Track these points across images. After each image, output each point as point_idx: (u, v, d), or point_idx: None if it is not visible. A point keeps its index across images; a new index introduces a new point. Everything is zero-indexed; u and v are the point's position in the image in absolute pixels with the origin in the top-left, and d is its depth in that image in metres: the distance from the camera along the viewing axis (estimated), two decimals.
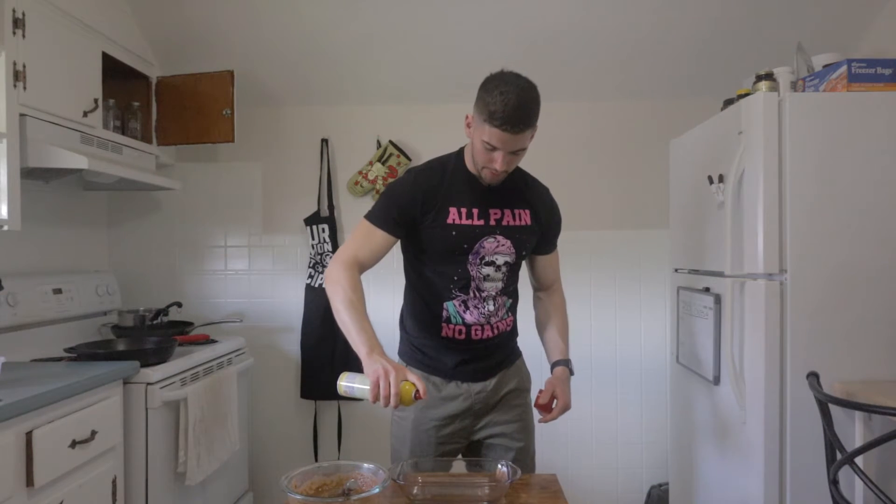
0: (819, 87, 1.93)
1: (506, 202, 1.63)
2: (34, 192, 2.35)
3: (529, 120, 1.46)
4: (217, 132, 2.61)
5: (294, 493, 1.23)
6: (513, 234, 1.62)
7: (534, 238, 1.68)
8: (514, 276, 1.69)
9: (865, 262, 1.82)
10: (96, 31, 2.23)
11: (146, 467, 1.93)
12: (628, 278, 2.87)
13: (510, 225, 1.62)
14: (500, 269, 1.63)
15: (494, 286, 1.64)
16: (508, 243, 1.61)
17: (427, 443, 1.67)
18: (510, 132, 1.44)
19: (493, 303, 1.65)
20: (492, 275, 1.62)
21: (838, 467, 1.51)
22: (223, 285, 2.94)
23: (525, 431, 1.76)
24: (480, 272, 1.61)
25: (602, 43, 2.59)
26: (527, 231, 1.65)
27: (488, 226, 1.59)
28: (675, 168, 2.53)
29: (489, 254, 1.60)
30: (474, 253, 1.60)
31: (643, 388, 2.87)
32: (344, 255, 1.55)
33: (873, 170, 1.82)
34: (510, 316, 1.73)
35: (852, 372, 1.82)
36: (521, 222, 1.64)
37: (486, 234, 1.59)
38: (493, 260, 1.61)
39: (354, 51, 2.64)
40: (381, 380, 1.31)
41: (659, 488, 2.78)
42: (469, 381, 1.68)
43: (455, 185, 1.60)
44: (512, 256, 1.63)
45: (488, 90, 1.46)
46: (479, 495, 1.36)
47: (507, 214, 1.62)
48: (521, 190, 1.67)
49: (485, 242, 1.59)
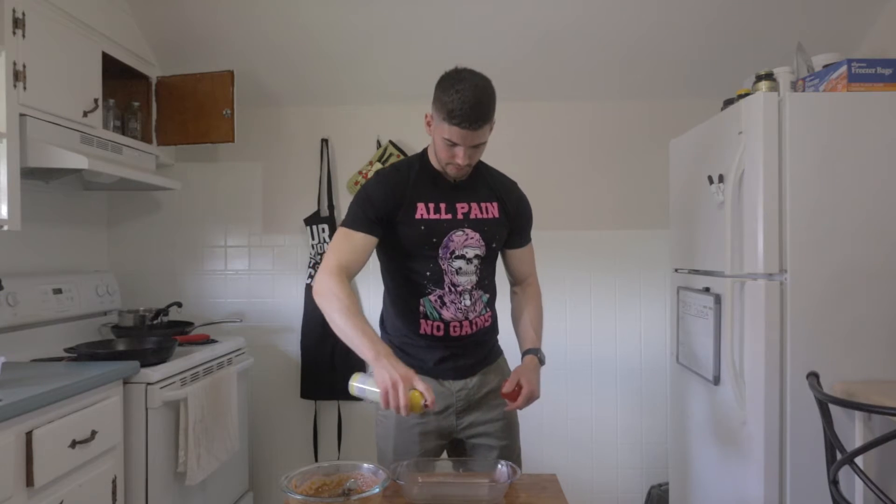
0: (819, 87, 1.93)
1: (472, 196, 1.66)
2: (34, 192, 2.35)
3: (486, 116, 1.51)
4: (217, 132, 2.62)
5: (294, 493, 1.23)
6: (481, 227, 1.64)
7: (503, 230, 1.70)
8: (488, 270, 1.71)
9: (865, 262, 1.82)
10: (96, 31, 2.23)
11: (146, 467, 1.93)
12: (628, 278, 2.87)
13: (478, 218, 1.65)
14: (471, 263, 1.64)
15: (469, 280, 1.65)
16: (477, 236, 1.64)
17: (411, 441, 1.68)
18: (469, 129, 1.49)
19: (469, 297, 1.66)
20: (464, 268, 1.64)
21: (838, 467, 1.51)
22: (223, 285, 2.94)
23: (508, 430, 1.76)
24: (452, 266, 1.63)
25: (602, 43, 2.59)
26: (495, 223, 1.67)
27: (456, 219, 1.63)
28: (675, 168, 2.53)
29: (459, 247, 1.63)
30: (444, 247, 1.62)
31: (643, 388, 2.87)
32: (328, 264, 1.55)
33: (873, 170, 1.82)
34: (489, 311, 1.72)
35: (852, 372, 1.82)
36: (489, 215, 1.66)
37: (454, 227, 1.62)
38: (463, 253, 1.64)
39: (354, 51, 2.64)
40: (389, 391, 1.34)
41: (659, 488, 2.78)
42: (450, 379, 1.69)
43: (421, 182, 1.64)
44: (482, 249, 1.64)
45: (444, 89, 1.51)
46: (479, 495, 1.36)
47: (474, 208, 1.65)
48: (487, 184, 1.70)
49: (453, 236, 1.62)
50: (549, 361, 2.86)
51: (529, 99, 2.86)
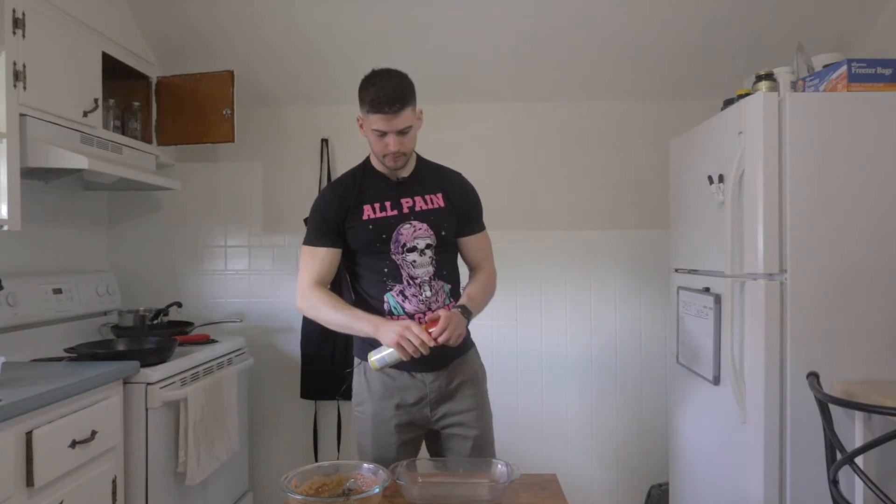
0: (819, 87, 1.93)
1: (416, 191, 1.75)
2: (34, 192, 2.35)
3: (403, 99, 1.62)
4: (217, 132, 2.62)
5: (294, 493, 1.23)
6: (427, 217, 1.73)
7: (450, 218, 1.77)
8: (446, 261, 1.78)
9: (865, 262, 1.82)
10: (96, 31, 2.23)
11: (146, 467, 1.93)
12: (628, 278, 2.87)
13: (423, 209, 1.74)
14: (424, 254, 1.73)
15: (426, 271, 1.73)
16: (425, 226, 1.73)
17: (388, 433, 1.75)
18: (389, 112, 1.61)
19: (429, 288, 1.74)
20: (418, 260, 1.72)
21: (838, 467, 1.52)
22: (223, 285, 2.94)
23: (481, 420, 1.81)
24: (406, 259, 1.72)
25: (602, 43, 2.59)
26: (440, 213, 1.75)
27: (402, 214, 1.72)
28: (675, 168, 2.53)
29: (409, 240, 1.72)
30: (395, 242, 1.71)
31: (643, 388, 2.87)
32: (302, 284, 1.73)
33: (873, 170, 1.82)
34: (452, 301, 1.78)
35: (852, 372, 1.82)
36: (434, 205, 1.75)
37: (401, 221, 1.72)
38: (414, 245, 1.72)
39: (354, 51, 2.64)
40: (402, 339, 1.53)
41: (659, 488, 2.78)
42: (422, 372, 1.74)
43: (366, 187, 1.76)
44: (432, 238, 1.73)
45: (364, 87, 1.67)
46: (479, 495, 1.36)
47: (418, 201, 1.74)
48: (429, 177, 1.79)
49: (401, 230, 1.72)
50: (549, 361, 2.88)
51: (529, 99, 2.86)
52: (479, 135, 2.90)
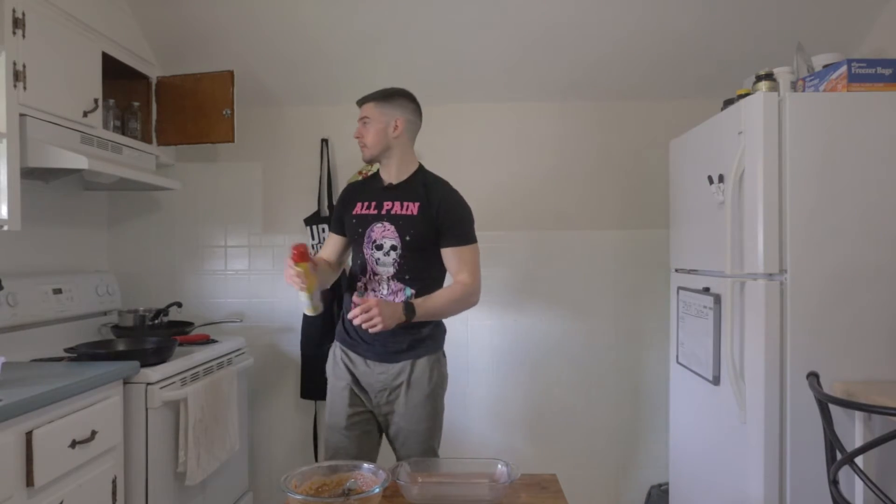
0: (819, 87, 1.93)
1: (399, 197, 1.93)
2: (34, 192, 2.35)
3: (372, 98, 1.95)
4: (217, 132, 2.61)
5: (294, 493, 1.24)
6: (396, 221, 1.90)
7: (420, 227, 1.89)
8: (410, 266, 1.90)
9: (865, 262, 1.82)
10: (96, 31, 2.23)
11: (146, 467, 1.93)
12: (628, 278, 2.87)
13: (396, 214, 1.91)
14: (388, 254, 1.90)
15: (386, 270, 1.91)
16: (392, 228, 1.90)
17: (341, 405, 1.97)
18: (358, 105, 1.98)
19: (386, 287, 1.91)
20: (382, 259, 1.91)
21: (838, 467, 1.52)
22: (223, 285, 2.94)
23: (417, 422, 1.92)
24: (373, 256, 1.92)
25: (602, 43, 2.59)
26: (410, 219, 1.90)
27: (379, 214, 1.93)
28: (675, 168, 2.53)
29: (378, 238, 1.91)
30: (367, 237, 1.93)
31: (643, 388, 2.87)
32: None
33: (873, 170, 1.82)
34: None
35: (852, 372, 1.82)
36: (407, 212, 1.91)
37: (376, 220, 1.92)
38: (381, 244, 1.91)
39: (354, 51, 2.64)
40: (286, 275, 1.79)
41: (659, 488, 2.78)
42: (373, 361, 1.93)
43: (366, 189, 2.01)
44: (396, 240, 1.89)
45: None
46: (479, 495, 1.36)
47: (396, 206, 1.92)
48: (417, 187, 1.95)
49: (374, 227, 1.92)
50: (549, 361, 2.88)
51: (529, 99, 2.86)
52: (478, 135, 2.90)
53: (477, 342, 2.89)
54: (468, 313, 2.86)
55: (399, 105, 1.93)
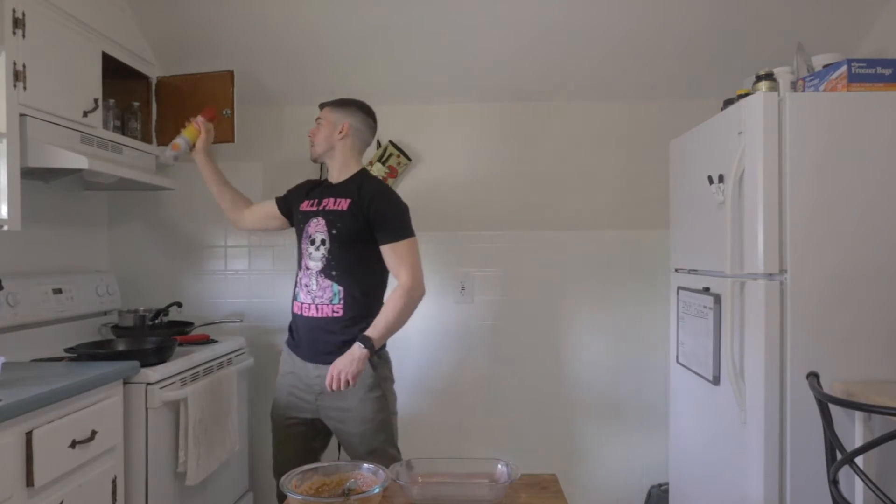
0: (819, 87, 1.93)
1: (334, 194, 2.05)
2: (34, 192, 2.35)
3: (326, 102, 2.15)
4: (217, 132, 2.61)
5: (294, 493, 1.23)
6: (328, 216, 2.00)
7: (348, 222, 1.97)
8: (340, 263, 1.97)
9: (865, 262, 1.82)
10: (96, 31, 2.23)
11: (146, 467, 1.93)
12: (628, 278, 2.87)
13: (328, 209, 2.02)
14: (319, 249, 1.99)
15: (315, 265, 2.00)
16: (323, 222, 2.00)
17: (285, 405, 2.07)
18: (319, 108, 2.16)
19: (315, 282, 2.00)
20: (313, 253, 2.01)
21: (838, 467, 1.52)
22: (223, 285, 2.94)
23: (361, 422, 1.96)
24: (308, 250, 2.02)
25: (602, 43, 2.59)
26: (339, 214, 1.99)
27: (317, 210, 2.04)
28: (675, 168, 2.53)
29: (313, 232, 2.02)
30: (305, 231, 2.04)
31: (643, 387, 2.87)
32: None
33: (873, 170, 1.82)
34: (340, 304, 1.97)
35: (852, 372, 1.82)
36: (339, 207, 2.00)
37: (313, 216, 2.04)
38: (314, 238, 2.01)
39: (355, 51, 2.64)
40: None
41: (659, 488, 2.78)
42: (311, 362, 2.01)
43: (316, 189, 2.14)
44: (325, 234, 1.99)
45: None
46: (479, 495, 1.36)
47: (331, 202, 2.03)
48: (352, 186, 2.04)
49: (311, 222, 2.04)
50: (548, 361, 2.88)
51: (529, 99, 2.87)
52: (479, 134, 2.90)
53: (476, 342, 2.89)
54: (468, 313, 2.89)
55: (350, 113, 2.09)
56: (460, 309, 2.88)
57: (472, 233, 2.89)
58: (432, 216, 2.89)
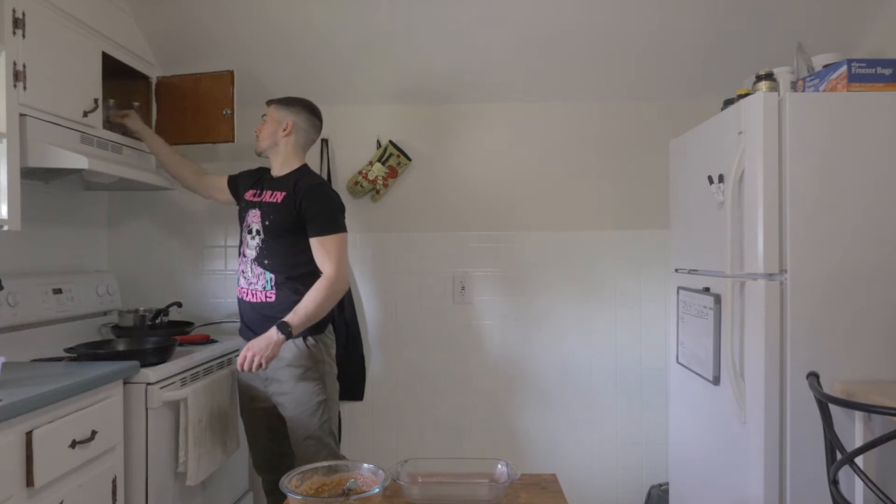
0: (819, 87, 1.93)
1: (273, 186, 2.16)
2: (34, 192, 2.35)
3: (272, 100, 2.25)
4: (217, 132, 2.61)
5: (294, 493, 1.24)
6: (263, 207, 2.13)
7: (280, 214, 2.08)
8: (270, 252, 2.09)
9: (865, 262, 1.82)
10: (96, 31, 2.23)
11: (146, 467, 1.93)
12: (628, 278, 2.87)
13: (265, 200, 2.14)
14: (255, 238, 2.12)
15: (251, 253, 2.12)
16: (259, 213, 2.13)
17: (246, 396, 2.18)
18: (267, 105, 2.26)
19: (250, 269, 2.12)
20: (249, 242, 2.14)
21: (838, 467, 1.52)
22: (223, 285, 2.94)
23: (297, 404, 2.05)
24: (246, 238, 2.15)
25: (602, 43, 2.59)
26: (273, 206, 2.11)
27: (255, 201, 2.17)
28: (675, 168, 2.53)
29: (251, 222, 2.15)
30: (245, 220, 2.17)
31: (643, 388, 2.87)
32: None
33: (873, 170, 1.82)
34: (273, 291, 2.08)
35: (852, 372, 1.82)
36: (273, 199, 2.12)
37: (252, 206, 2.16)
38: (251, 227, 2.14)
39: (355, 51, 2.64)
40: None
41: (659, 488, 2.78)
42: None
43: (261, 179, 2.24)
44: (259, 224, 2.11)
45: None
46: (479, 495, 1.36)
47: (268, 194, 2.15)
48: (289, 181, 2.14)
49: (250, 212, 2.16)
50: (548, 361, 2.88)
51: (529, 99, 2.87)
52: (479, 134, 2.90)
53: (477, 342, 2.89)
54: (469, 314, 2.88)
55: (295, 112, 2.19)
56: (460, 309, 2.88)
57: (472, 233, 2.89)
58: (432, 216, 2.89)
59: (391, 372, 2.88)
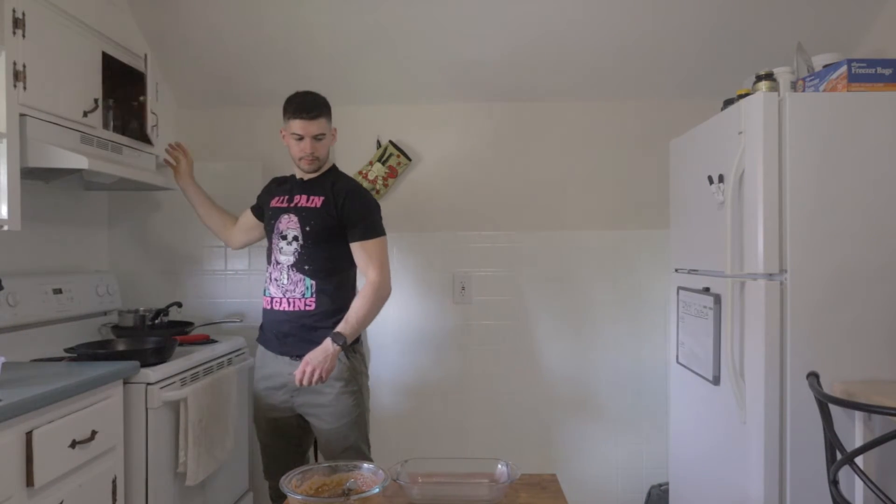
0: (819, 87, 1.93)
1: (308, 192, 2.07)
2: (34, 192, 2.35)
3: (318, 108, 2.00)
4: None
5: (294, 493, 1.24)
6: (300, 213, 2.04)
7: (321, 219, 2.01)
8: (313, 257, 2.01)
9: (865, 262, 1.82)
10: (96, 31, 2.22)
11: (146, 467, 1.93)
12: (628, 278, 2.87)
13: (302, 206, 2.05)
14: (291, 244, 2.03)
15: (287, 259, 2.03)
16: (296, 219, 2.04)
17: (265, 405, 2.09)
18: (306, 118, 1.98)
19: (286, 276, 2.03)
20: (284, 248, 2.04)
21: (838, 467, 1.52)
22: (223, 285, 2.94)
23: (337, 416, 1.99)
24: (278, 245, 2.06)
25: (602, 42, 2.59)
26: (313, 211, 2.03)
27: (288, 207, 2.07)
28: (675, 168, 2.53)
29: (284, 228, 2.05)
30: (276, 228, 2.07)
31: (643, 388, 2.87)
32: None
33: (873, 170, 1.82)
34: (312, 298, 2.01)
35: (852, 372, 1.82)
36: (312, 205, 2.04)
37: (284, 212, 2.07)
38: (285, 234, 2.05)
39: (354, 51, 2.64)
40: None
41: (659, 488, 2.78)
42: (281, 355, 2.04)
43: (285, 185, 2.16)
44: (298, 231, 2.02)
45: (288, 100, 2.04)
46: (479, 495, 1.36)
47: (303, 199, 2.06)
48: (324, 185, 2.07)
49: (282, 218, 2.07)
50: (548, 361, 2.88)
51: (529, 99, 2.87)
52: (479, 134, 2.90)
53: (477, 342, 2.89)
54: (469, 314, 2.88)
55: (329, 112, 2.07)
56: (459, 309, 2.88)
57: (471, 233, 2.89)
58: (432, 216, 2.89)
59: (391, 372, 2.88)
